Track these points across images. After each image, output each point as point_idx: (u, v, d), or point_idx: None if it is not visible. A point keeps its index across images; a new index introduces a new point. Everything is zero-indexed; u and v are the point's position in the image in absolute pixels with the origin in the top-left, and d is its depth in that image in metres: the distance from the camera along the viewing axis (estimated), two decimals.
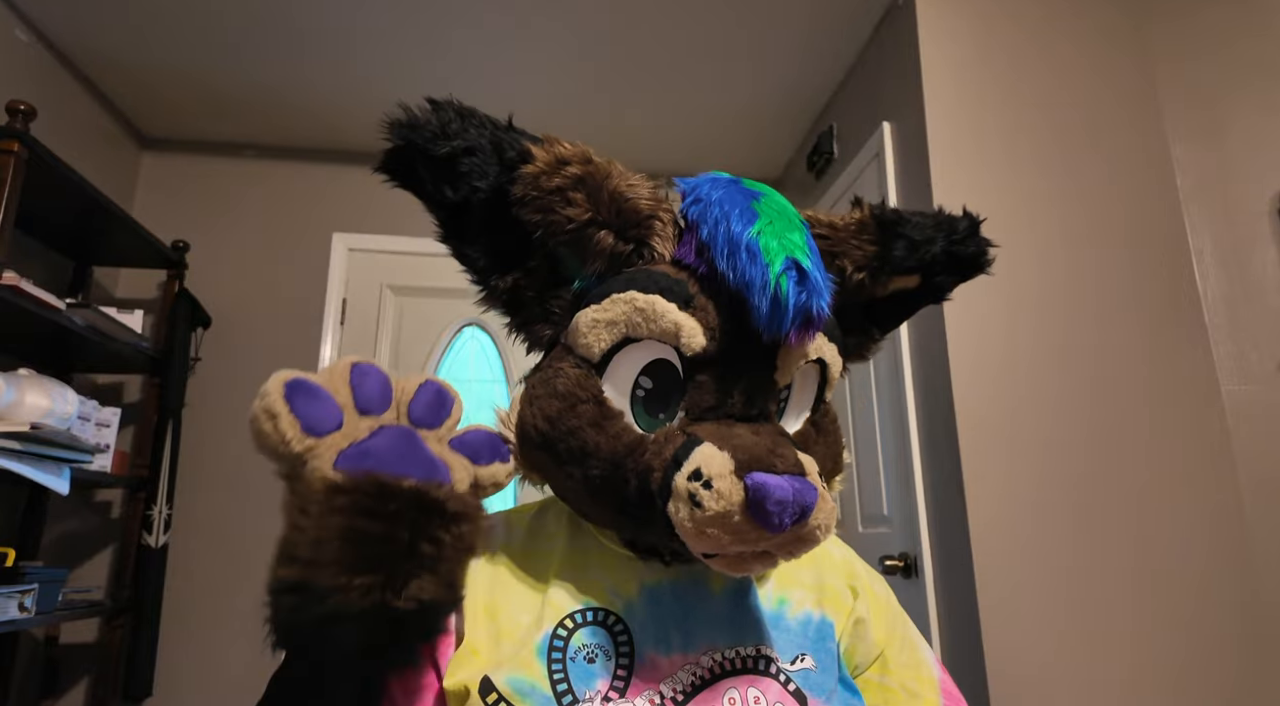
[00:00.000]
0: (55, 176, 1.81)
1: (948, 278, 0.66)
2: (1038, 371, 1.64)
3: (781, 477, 0.44)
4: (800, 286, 0.48)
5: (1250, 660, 1.53)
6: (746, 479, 0.44)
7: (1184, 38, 1.86)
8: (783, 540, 0.45)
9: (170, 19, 2.09)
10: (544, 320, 0.57)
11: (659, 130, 2.60)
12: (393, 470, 0.42)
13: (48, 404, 1.67)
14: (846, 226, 0.62)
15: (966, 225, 0.66)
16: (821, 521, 0.46)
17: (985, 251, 0.66)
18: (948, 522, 1.61)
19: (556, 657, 0.51)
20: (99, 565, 2.30)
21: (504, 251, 0.57)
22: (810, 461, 0.48)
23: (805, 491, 0.44)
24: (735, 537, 0.45)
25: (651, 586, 0.55)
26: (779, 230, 0.50)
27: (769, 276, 0.48)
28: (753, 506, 0.44)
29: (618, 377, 0.52)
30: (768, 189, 0.56)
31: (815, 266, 0.50)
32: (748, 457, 0.46)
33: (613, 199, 0.53)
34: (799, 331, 0.49)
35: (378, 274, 2.67)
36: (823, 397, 0.57)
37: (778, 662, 0.54)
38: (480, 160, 0.53)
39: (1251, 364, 1.67)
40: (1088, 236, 1.73)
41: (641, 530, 0.53)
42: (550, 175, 0.52)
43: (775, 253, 0.49)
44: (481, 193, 0.53)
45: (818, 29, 2.12)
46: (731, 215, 0.51)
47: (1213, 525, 1.60)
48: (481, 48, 2.21)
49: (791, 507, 0.44)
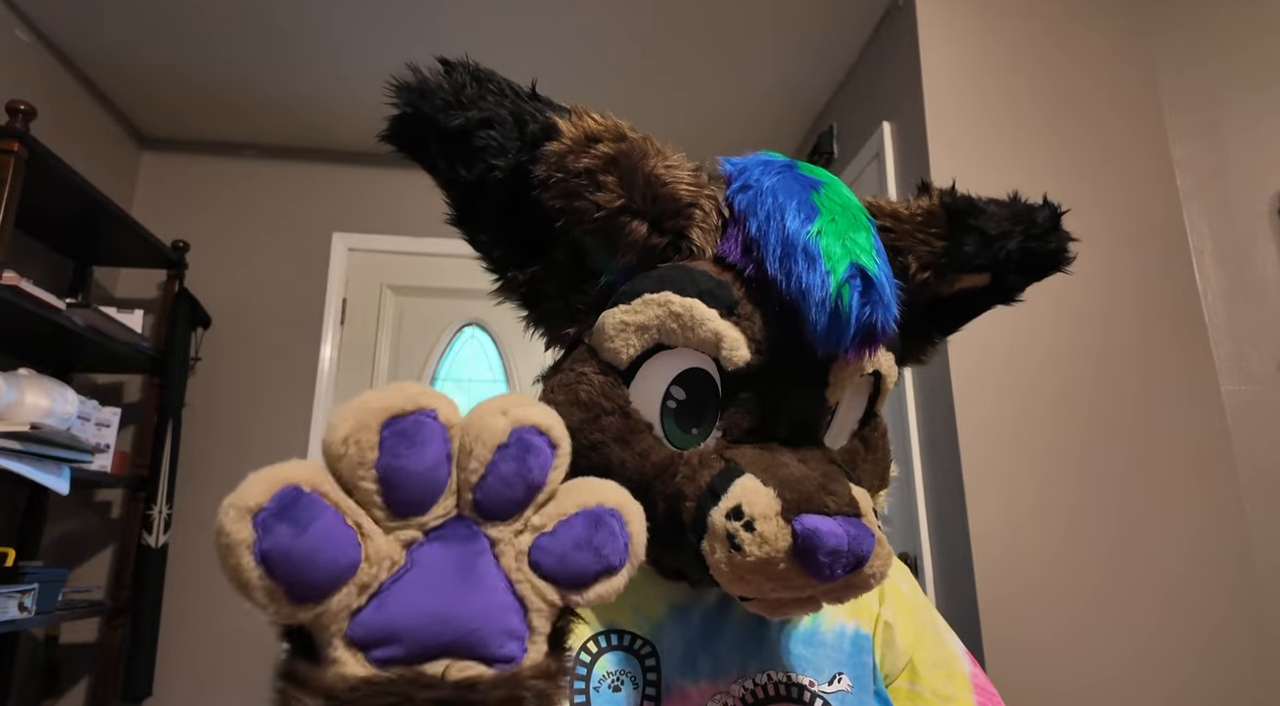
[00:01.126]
0: (55, 176, 1.81)
1: (1021, 277, 0.58)
2: (1038, 371, 1.64)
3: (835, 521, 0.39)
4: (865, 298, 0.41)
5: (1251, 659, 1.53)
6: (795, 523, 0.39)
7: (1184, 38, 1.86)
8: (834, 588, 0.40)
9: (170, 19, 2.09)
10: (566, 316, 0.51)
11: (659, 131, 2.57)
12: (433, 639, 0.26)
13: (48, 404, 1.67)
14: (912, 217, 0.53)
15: (1047, 217, 0.57)
16: (878, 569, 0.40)
17: (1066, 248, 0.58)
18: (948, 522, 1.61)
19: (580, 687, 0.47)
20: (99, 565, 2.30)
21: (523, 239, 0.50)
22: (865, 497, 0.42)
23: (862, 539, 0.39)
24: (779, 584, 0.40)
25: (679, 607, 0.51)
26: (842, 229, 0.43)
27: (829, 286, 0.41)
28: (801, 554, 0.38)
29: (647, 387, 0.46)
30: (829, 176, 0.48)
31: (884, 274, 0.43)
32: (796, 496, 0.40)
33: (648, 183, 0.46)
34: (859, 348, 0.43)
35: (378, 274, 2.67)
36: (874, 411, 0.51)
37: (812, 687, 0.50)
38: (499, 134, 0.46)
39: (1251, 364, 1.67)
40: (1087, 236, 1.72)
41: (669, 557, 0.47)
42: (578, 154, 0.45)
43: (838, 258, 0.42)
44: (499, 172, 0.46)
45: (818, 29, 2.12)
46: (787, 209, 0.44)
47: (1213, 524, 1.60)
48: (481, 47, 2.21)
49: (846, 558, 0.38)
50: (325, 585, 0.25)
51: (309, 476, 0.26)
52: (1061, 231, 0.58)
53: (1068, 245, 0.58)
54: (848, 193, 0.48)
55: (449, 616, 0.26)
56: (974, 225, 0.53)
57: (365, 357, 2.61)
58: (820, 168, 0.50)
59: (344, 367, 2.59)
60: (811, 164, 0.51)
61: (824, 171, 0.49)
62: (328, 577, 0.25)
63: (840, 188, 0.48)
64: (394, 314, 2.67)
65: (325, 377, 2.54)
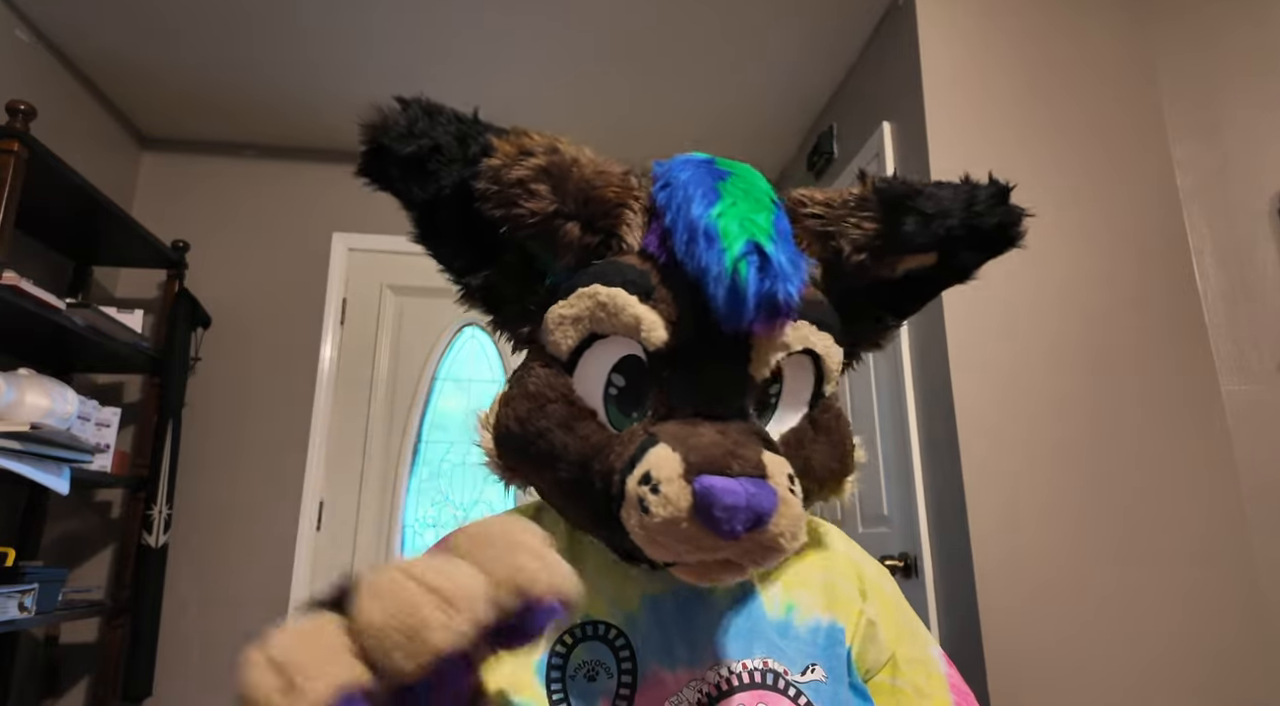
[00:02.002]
0: (55, 176, 1.81)
1: (972, 255, 0.59)
2: (1038, 371, 1.64)
3: (734, 480, 0.41)
4: (762, 272, 0.44)
5: (1252, 660, 1.53)
6: (695, 482, 0.41)
7: (1184, 37, 1.86)
8: (744, 548, 0.42)
9: (170, 20, 2.09)
10: (523, 318, 0.55)
11: (659, 130, 2.60)
12: None
13: (48, 404, 1.67)
14: (844, 203, 0.55)
15: (991, 193, 0.57)
16: (784, 528, 0.42)
17: (1014, 222, 0.58)
18: (948, 522, 1.61)
19: (555, 676, 0.49)
20: (99, 565, 2.30)
21: (476, 249, 0.55)
22: (779, 463, 0.44)
23: (760, 496, 0.41)
24: (688, 545, 0.42)
25: (653, 597, 0.52)
26: (742, 211, 0.47)
27: (725, 262, 0.44)
28: (700, 512, 0.40)
29: (589, 376, 0.50)
30: (743, 167, 0.52)
31: (782, 249, 0.46)
32: (700, 460, 0.42)
33: (578, 188, 0.50)
34: (765, 321, 0.45)
35: (378, 274, 2.67)
36: (822, 392, 0.53)
37: (787, 676, 0.51)
38: (445, 157, 0.51)
39: (1251, 364, 1.67)
40: (1088, 236, 1.73)
41: (617, 536, 0.49)
42: (511, 167, 0.50)
43: (734, 236, 0.45)
44: (447, 189, 0.52)
45: (818, 29, 2.12)
46: (694, 197, 0.48)
47: (1213, 525, 1.60)
48: (481, 47, 2.21)
49: (743, 513, 0.40)
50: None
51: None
52: (1008, 207, 0.58)
53: (1017, 219, 0.58)
54: (758, 180, 0.52)
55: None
56: (911, 206, 0.55)
57: (365, 358, 2.61)
58: (739, 162, 0.54)
59: (344, 367, 2.59)
60: (740, 161, 0.54)
61: (739, 164, 0.53)
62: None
63: (750, 176, 0.51)
64: (394, 314, 2.67)
65: (325, 378, 2.54)
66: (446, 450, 2.63)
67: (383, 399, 2.60)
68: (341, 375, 2.58)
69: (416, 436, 2.61)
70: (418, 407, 2.62)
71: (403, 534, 2.52)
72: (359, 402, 2.57)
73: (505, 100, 2.44)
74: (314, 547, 2.42)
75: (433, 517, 2.58)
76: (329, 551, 2.44)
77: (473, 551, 0.32)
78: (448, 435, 2.65)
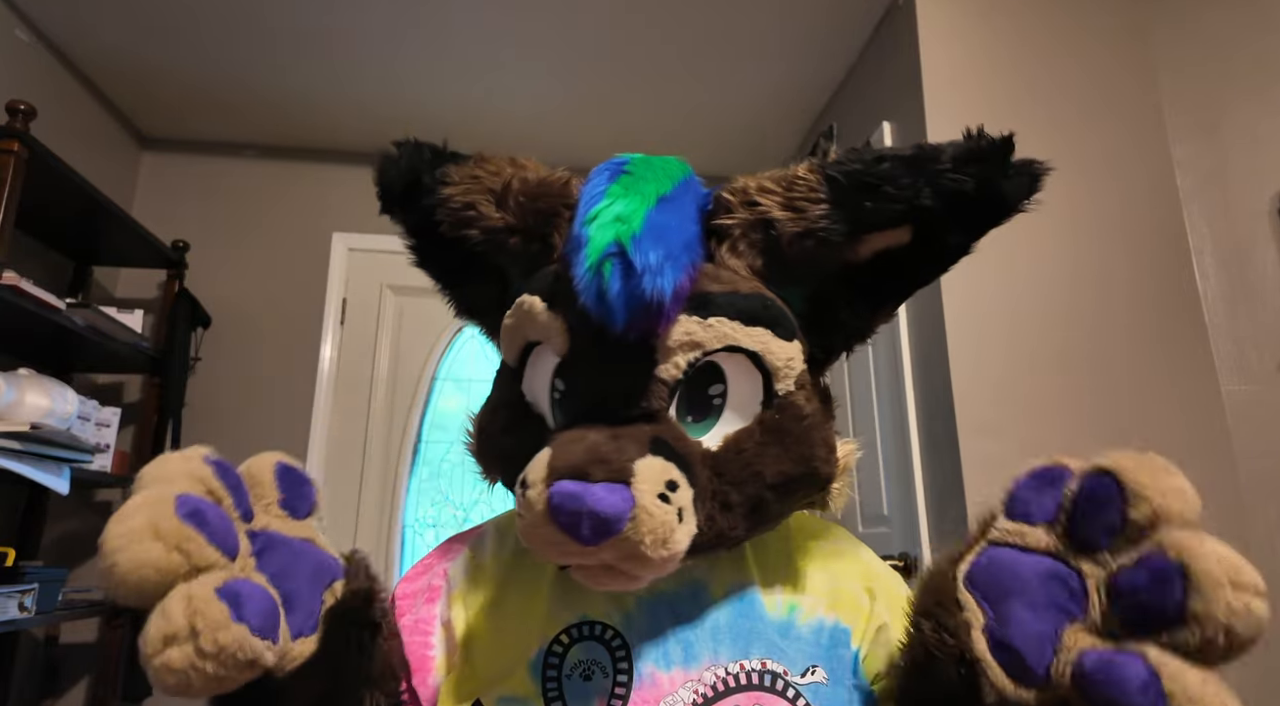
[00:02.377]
0: (55, 176, 1.81)
1: (951, 231, 0.51)
2: (1038, 371, 1.64)
3: (582, 485, 0.40)
4: (626, 273, 0.43)
5: (1251, 659, 1.53)
6: (551, 488, 0.41)
7: (1184, 38, 1.86)
8: (613, 555, 0.42)
9: (170, 19, 2.09)
10: (498, 328, 0.57)
11: (658, 131, 2.60)
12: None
13: (48, 404, 1.67)
14: (792, 185, 0.51)
15: (954, 154, 0.48)
16: (645, 536, 0.41)
17: (992, 181, 0.48)
18: (948, 522, 1.61)
19: (551, 676, 0.49)
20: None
21: (456, 268, 0.60)
22: (654, 470, 0.42)
23: (607, 501, 0.40)
24: (554, 549, 0.43)
25: (651, 597, 0.52)
26: (617, 210, 0.46)
27: (586, 266, 0.45)
28: (552, 516, 0.41)
29: (535, 382, 0.52)
30: (645, 162, 0.51)
31: (652, 245, 0.44)
32: (562, 464, 0.42)
33: (518, 203, 0.53)
34: (643, 322, 0.45)
35: (378, 274, 2.67)
36: (775, 392, 0.50)
37: (786, 677, 0.50)
38: (422, 190, 0.56)
39: (1251, 364, 1.67)
40: (1088, 236, 1.73)
41: None
42: (461, 192, 0.54)
43: (597, 240, 0.45)
44: (425, 218, 0.57)
45: (818, 29, 2.12)
46: (584, 198, 0.48)
47: (1212, 524, 1.59)
48: (481, 48, 2.21)
49: (588, 519, 0.40)
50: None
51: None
52: (982, 165, 0.48)
53: (994, 179, 0.48)
54: (655, 171, 0.50)
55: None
56: (864, 181, 0.49)
57: (365, 357, 2.61)
58: (653, 157, 0.53)
59: (344, 367, 2.59)
60: (665, 157, 0.54)
61: (651, 158, 0.52)
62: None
63: (646, 169, 0.50)
64: (394, 314, 2.67)
65: (325, 377, 2.54)
66: (446, 450, 2.63)
67: (383, 399, 2.60)
68: (341, 375, 2.58)
69: (416, 436, 2.61)
70: (418, 407, 2.62)
71: (403, 534, 2.52)
72: (359, 402, 2.57)
73: (505, 100, 2.44)
74: None
75: (433, 517, 2.58)
76: None
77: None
78: (448, 435, 2.65)
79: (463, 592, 0.54)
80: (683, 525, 0.43)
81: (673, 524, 0.42)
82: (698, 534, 0.45)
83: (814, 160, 0.52)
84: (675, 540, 0.43)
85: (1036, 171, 0.50)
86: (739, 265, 0.52)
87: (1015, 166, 0.49)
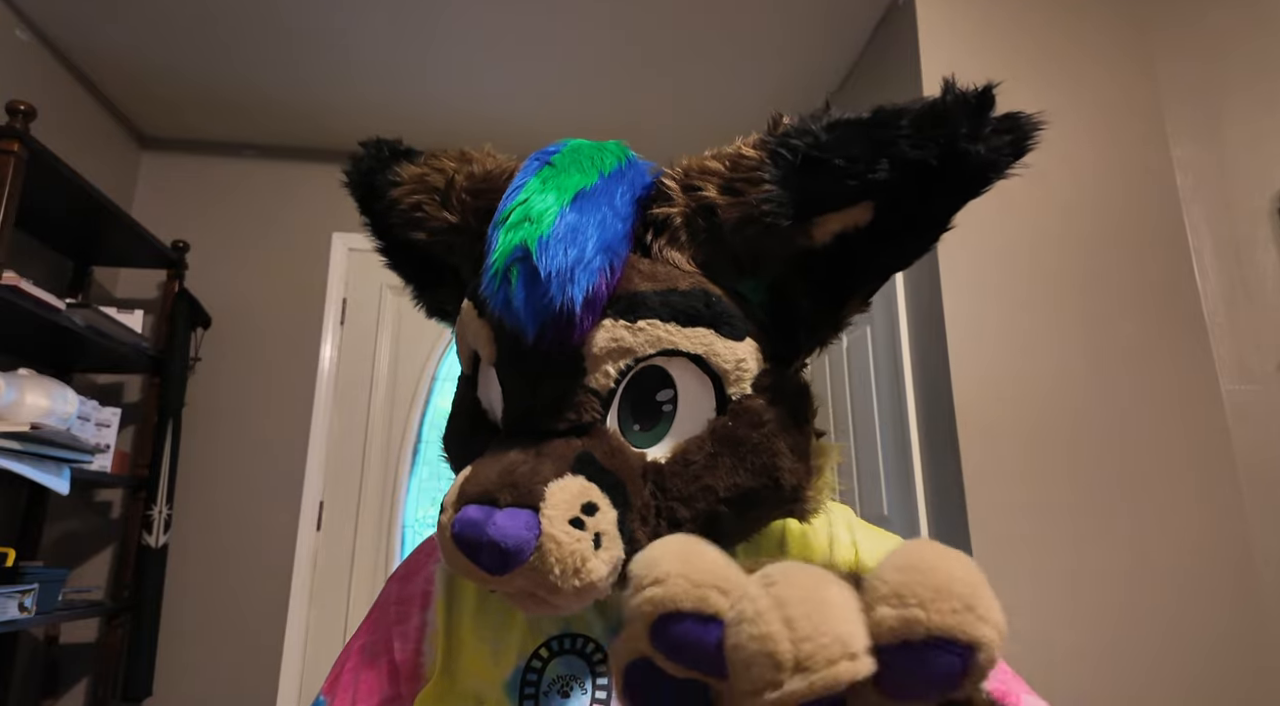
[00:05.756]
0: (55, 176, 1.81)
1: (920, 205, 0.44)
2: (1037, 371, 1.64)
3: (486, 511, 0.38)
4: (532, 279, 0.40)
5: (1251, 659, 1.53)
6: (456, 514, 0.39)
7: (1184, 38, 1.86)
8: (527, 583, 0.39)
9: (170, 19, 2.09)
10: None
11: (658, 130, 2.60)
12: None
13: (48, 404, 1.67)
14: (736, 164, 0.45)
15: (916, 115, 0.41)
16: (554, 567, 0.38)
17: (958, 145, 0.41)
18: (948, 522, 1.61)
19: (529, 692, 0.47)
20: (99, 565, 2.30)
21: (419, 270, 0.59)
22: (570, 493, 0.39)
23: (507, 529, 0.37)
24: (469, 576, 0.40)
25: None
26: (528, 209, 0.42)
27: (491, 274, 0.42)
28: (456, 544, 0.39)
29: (488, 389, 0.48)
30: (576, 147, 0.47)
31: (564, 246, 0.41)
32: (474, 489, 0.40)
33: (460, 201, 0.50)
34: (556, 330, 0.41)
35: (378, 274, 2.66)
36: (725, 396, 0.44)
37: None
38: (379, 192, 0.55)
39: (1251, 364, 1.67)
40: (1088, 236, 1.73)
41: None
42: (408, 192, 0.52)
43: (504, 244, 0.42)
44: (379, 219, 0.56)
45: (818, 29, 2.12)
46: (503, 199, 0.45)
47: (1213, 525, 1.60)
48: (481, 48, 2.21)
49: (486, 549, 0.38)
50: None
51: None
52: (943, 131, 0.41)
53: (961, 142, 0.41)
54: (576, 160, 0.46)
55: None
56: (812, 156, 0.42)
57: (365, 357, 2.61)
58: (599, 144, 0.49)
59: (344, 367, 2.59)
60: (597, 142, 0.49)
61: (577, 143, 0.48)
62: None
63: (567, 159, 0.46)
64: (394, 314, 2.67)
65: (325, 377, 2.54)
66: None
67: (383, 399, 2.60)
68: (341, 375, 2.58)
69: (416, 436, 2.61)
70: (418, 407, 2.62)
71: (403, 534, 2.52)
72: (359, 402, 2.57)
73: (505, 100, 2.44)
74: (314, 547, 2.42)
75: (433, 518, 2.58)
76: (329, 551, 2.44)
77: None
78: None
79: (448, 599, 0.52)
80: (601, 552, 0.39)
81: (584, 552, 0.38)
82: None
83: (762, 135, 0.45)
84: (589, 569, 0.39)
85: (1023, 128, 0.43)
86: (680, 258, 0.46)
87: (996, 123, 0.43)
